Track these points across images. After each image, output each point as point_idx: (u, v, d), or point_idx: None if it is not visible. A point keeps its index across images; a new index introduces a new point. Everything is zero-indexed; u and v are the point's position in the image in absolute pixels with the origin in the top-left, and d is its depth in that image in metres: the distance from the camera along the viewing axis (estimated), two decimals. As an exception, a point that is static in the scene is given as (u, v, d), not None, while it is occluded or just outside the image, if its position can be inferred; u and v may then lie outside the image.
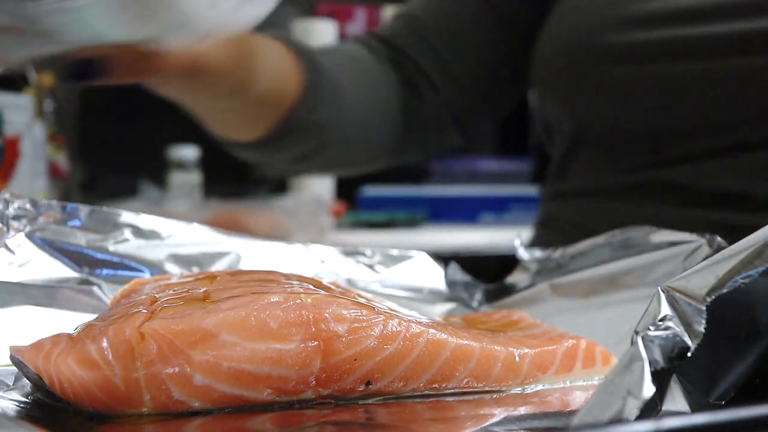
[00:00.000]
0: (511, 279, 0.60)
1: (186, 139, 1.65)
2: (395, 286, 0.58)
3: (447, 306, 0.59)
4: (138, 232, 0.52)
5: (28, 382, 0.39)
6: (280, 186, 1.77)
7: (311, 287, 0.42)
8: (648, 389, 0.30)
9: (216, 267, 0.54)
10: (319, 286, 0.44)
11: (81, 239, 0.51)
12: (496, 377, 0.41)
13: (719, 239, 0.49)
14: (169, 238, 0.53)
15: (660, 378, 0.33)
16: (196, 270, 0.53)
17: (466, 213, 1.79)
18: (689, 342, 0.34)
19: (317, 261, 0.57)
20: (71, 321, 0.45)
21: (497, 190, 1.83)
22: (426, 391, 0.40)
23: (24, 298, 0.47)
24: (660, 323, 0.34)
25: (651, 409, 0.32)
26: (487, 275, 0.62)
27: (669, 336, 0.34)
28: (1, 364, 0.41)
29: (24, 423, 0.35)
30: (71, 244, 0.50)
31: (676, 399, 0.34)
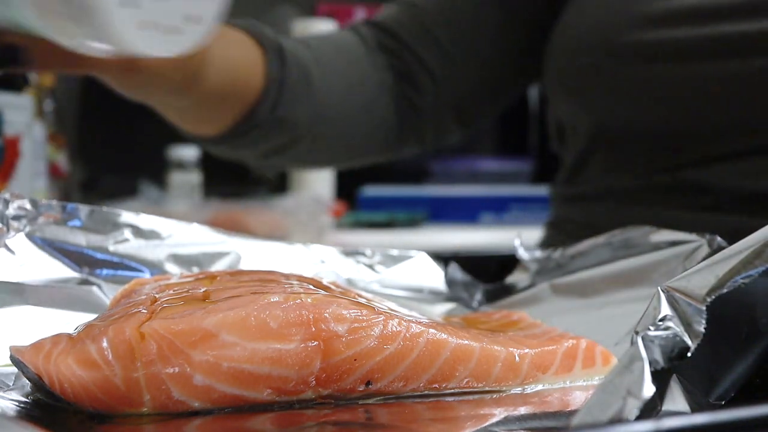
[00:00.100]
0: (511, 279, 0.60)
1: (186, 139, 1.64)
2: (395, 286, 0.58)
3: (447, 306, 0.59)
4: (138, 232, 0.52)
5: (28, 382, 0.39)
6: (280, 186, 1.77)
7: (311, 287, 0.42)
8: (648, 389, 0.30)
9: (216, 267, 0.54)
10: (319, 286, 0.44)
11: (81, 239, 0.51)
12: (496, 377, 0.41)
13: (719, 239, 0.49)
14: (169, 238, 0.53)
15: (660, 378, 0.33)
16: (196, 270, 0.53)
17: (466, 213, 1.79)
18: (689, 342, 0.34)
19: (317, 261, 0.57)
20: (71, 321, 0.45)
21: (497, 190, 1.83)
22: (426, 391, 0.40)
23: (24, 298, 0.47)
24: (660, 323, 0.34)
25: (651, 409, 0.32)
26: (487, 275, 0.62)
27: (669, 336, 0.34)
28: (1, 364, 0.41)
29: (24, 423, 0.35)
30: (71, 244, 0.50)
31: (676, 399, 0.34)
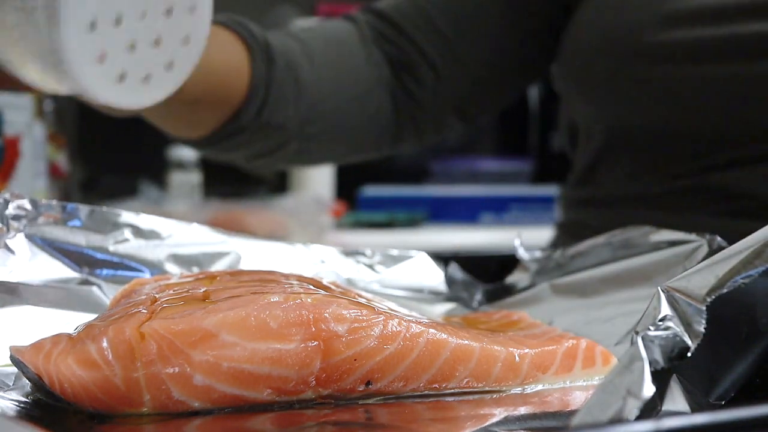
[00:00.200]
0: (511, 279, 0.60)
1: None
2: (395, 286, 0.58)
3: (447, 306, 0.59)
4: (138, 232, 0.52)
5: (28, 382, 0.39)
6: (280, 186, 1.77)
7: (311, 287, 0.42)
8: (648, 389, 0.30)
9: (216, 267, 0.54)
10: (319, 286, 0.44)
11: (81, 239, 0.50)
12: (496, 377, 0.41)
13: (719, 239, 0.49)
14: (169, 238, 0.53)
15: (660, 378, 0.33)
16: (196, 270, 0.53)
17: (466, 213, 1.79)
18: (689, 342, 0.34)
19: (317, 261, 0.57)
20: (71, 321, 0.45)
21: (497, 190, 1.83)
22: (426, 391, 0.40)
23: (24, 298, 0.47)
24: (660, 323, 0.34)
25: (651, 409, 0.32)
26: (487, 275, 0.62)
27: (669, 336, 0.34)
28: (1, 364, 0.41)
29: (24, 423, 0.35)
30: (71, 244, 0.50)
31: (676, 399, 0.34)
